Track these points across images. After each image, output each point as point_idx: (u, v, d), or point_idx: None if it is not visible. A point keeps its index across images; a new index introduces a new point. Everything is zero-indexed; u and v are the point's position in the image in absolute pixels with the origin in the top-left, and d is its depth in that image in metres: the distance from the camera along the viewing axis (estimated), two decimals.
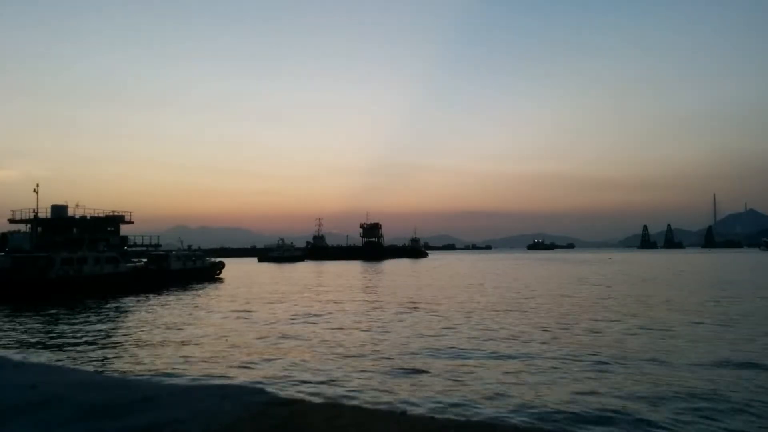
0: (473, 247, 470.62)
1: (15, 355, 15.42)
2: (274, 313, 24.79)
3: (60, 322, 22.69)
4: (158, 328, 20.79)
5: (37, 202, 42.05)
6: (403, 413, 7.87)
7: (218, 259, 59.47)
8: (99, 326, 21.31)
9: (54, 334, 19.36)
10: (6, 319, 23.44)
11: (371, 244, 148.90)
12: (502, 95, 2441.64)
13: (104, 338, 18.50)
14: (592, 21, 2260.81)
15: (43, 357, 15.40)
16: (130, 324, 22.02)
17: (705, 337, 17.04)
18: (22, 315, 24.89)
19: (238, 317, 23.73)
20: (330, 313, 24.82)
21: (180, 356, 15.06)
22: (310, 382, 11.57)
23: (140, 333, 19.54)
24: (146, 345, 17.04)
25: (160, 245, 54.92)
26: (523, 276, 54.79)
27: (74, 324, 21.95)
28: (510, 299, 29.64)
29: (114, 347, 16.77)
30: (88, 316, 24.39)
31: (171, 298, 33.66)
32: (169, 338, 18.28)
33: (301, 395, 10.19)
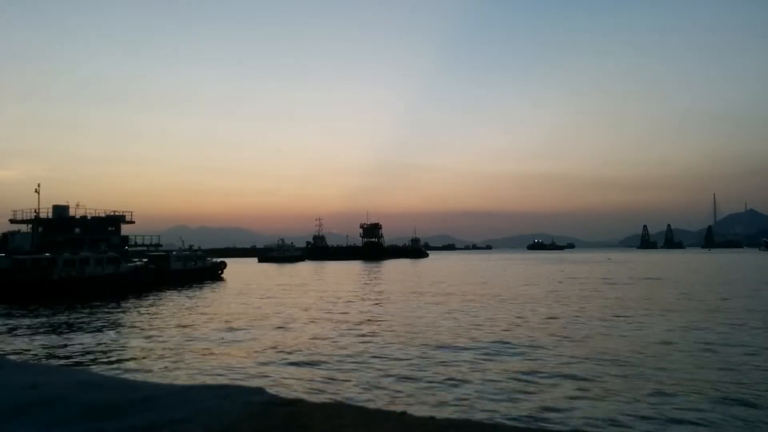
0: (473, 247, 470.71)
1: (15, 355, 15.44)
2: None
3: (61, 322, 22.70)
4: (158, 327, 20.82)
5: (39, 202, 42.13)
6: (403, 413, 7.90)
7: (219, 259, 59.42)
8: (99, 327, 21.32)
9: (55, 335, 19.37)
10: (7, 320, 23.46)
11: (371, 244, 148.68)
12: (502, 95, 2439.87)
13: (104, 338, 18.51)
14: (593, 21, 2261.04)
15: (44, 357, 15.42)
16: (130, 324, 22.04)
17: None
18: (23, 315, 24.90)
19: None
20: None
21: (180, 356, 15.09)
22: None
23: (140, 333, 19.55)
24: (146, 345, 17.06)
25: (161, 245, 54.91)
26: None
27: (75, 324, 21.96)
28: None
29: (114, 347, 16.79)
30: (89, 317, 24.40)
31: (171, 298, 33.69)
32: (169, 337, 18.30)
33: (301, 395, 10.22)
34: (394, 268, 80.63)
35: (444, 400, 10.46)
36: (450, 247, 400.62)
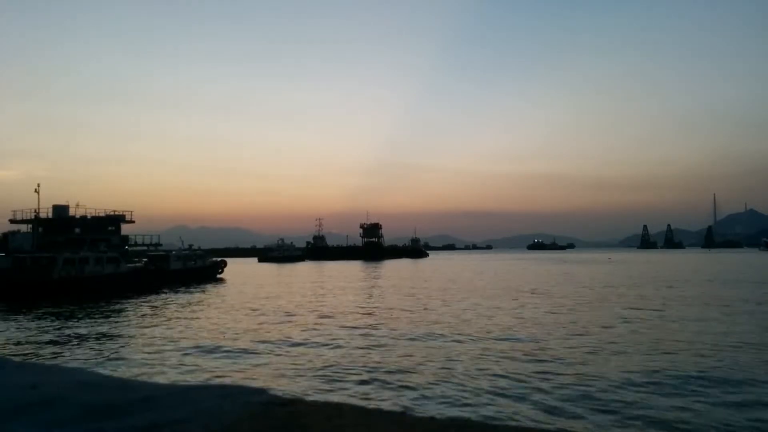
0: (474, 247, 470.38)
1: (16, 355, 15.45)
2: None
3: (60, 322, 22.70)
4: (158, 326, 20.82)
5: (38, 202, 42.12)
6: (403, 413, 7.89)
7: (219, 259, 59.40)
8: (99, 326, 21.33)
9: (54, 335, 19.37)
10: (7, 320, 23.46)
11: (371, 244, 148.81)
12: (502, 95, 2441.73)
13: (104, 339, 18.51)
14: (593, 21, 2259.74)
15: (44, 357, 15.42)
16: (129, 324, 22.04)
17: None
18: (24, 315, 24.90)
19: None
20: None
21: (180, 355, 15.09)
22: None
23: (139, 332, 19.55)
24: (146, 344, 17.05)
25: (161, 245, 54.93)
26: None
27: (74, 324, 21.96)
28: None
29: (114, 348, 16.78)
30: (89, 317, 24.40)
31: (170, 297, 33.68)
32: (169, 336, 18.30)
33: (301, 395, 10.20)
34: (394, 267, 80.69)
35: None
36: (450, 247, 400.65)
